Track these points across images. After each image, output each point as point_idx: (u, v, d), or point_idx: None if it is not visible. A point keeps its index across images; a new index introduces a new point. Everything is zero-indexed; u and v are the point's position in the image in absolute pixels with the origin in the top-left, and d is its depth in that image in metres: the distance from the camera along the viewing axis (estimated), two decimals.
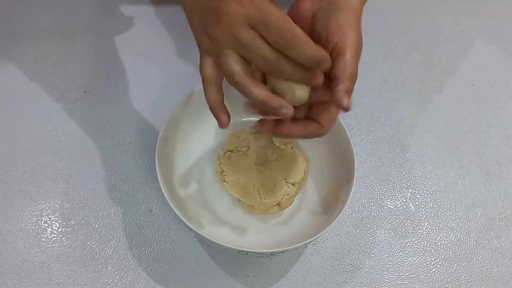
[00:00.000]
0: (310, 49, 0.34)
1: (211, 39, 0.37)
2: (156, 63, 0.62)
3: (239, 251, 0.43)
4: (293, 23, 0.34)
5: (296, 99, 0.38)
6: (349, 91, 0.36)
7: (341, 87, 0.36)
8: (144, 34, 0.64)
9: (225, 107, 0.41)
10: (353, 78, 0.37)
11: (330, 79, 0.37)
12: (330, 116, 0.38)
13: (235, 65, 0.36)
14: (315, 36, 0.39)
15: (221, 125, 0.41)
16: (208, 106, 0.53)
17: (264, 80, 0.39)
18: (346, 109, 0.36)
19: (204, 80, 0.40)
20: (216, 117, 0.41)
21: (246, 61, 0.36)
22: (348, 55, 0.37)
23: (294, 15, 0.41)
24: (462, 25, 0.71)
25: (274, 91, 0.38)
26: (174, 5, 0.67)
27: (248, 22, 0.34)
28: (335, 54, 0.37)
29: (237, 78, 0.36)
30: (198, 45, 0.40)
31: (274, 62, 0.35)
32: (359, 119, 0.60)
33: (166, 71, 0.61)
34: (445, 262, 0.52)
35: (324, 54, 0.35)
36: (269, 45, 0.35)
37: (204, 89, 0.40)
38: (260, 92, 0.36)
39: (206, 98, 0.41)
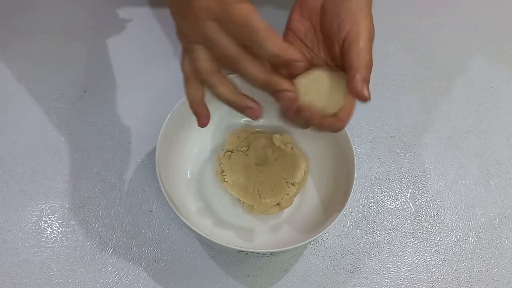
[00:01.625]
0: (273, 45, 0.32)
1: (184, 36, 0.36)
2: (156, 63, 0.62)
3: (239, 251, 0.43)
4: (257, 17, 0.32)
5: (327, 112, 0.35)
6: (367, 80, 0.34)
7: (359, 77, 0.34)
8: (144, 35, 0.64)
9: (205, 105, 0.39)
10: (369, 66, 0.35)
11: (344, 69, 0.35)
12: (347, 108, 0.36)
13: (202, 61, 0.35)
14: (325, 26, 0.37)
15: (200, 124, 0.39)
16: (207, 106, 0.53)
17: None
18: (366, 99, 0.34)
19: (184, 77, 0.38)
20: (196, 114, 0.39)
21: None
22: (362, 43, 0.35)
23: (302, 6, 0.39)
24: (462, 25, 0.71)
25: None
26: None
27: (213, 16, 0.33)
28: (348, 42, 0.35)
29: (204, 75, 0.35)
30: (180, 42, 0.39)
31: (236, 59, 0.33)
32: (359, 119, 0.60)
33: (166, 71, 0.61)
34: (445, 262, 0.52)
35: (290, 52, 0.32)
36: (234, 42, 0.33)
37: (184, 86, 0.38)
38: (225, 92, 0.35)
39: (186, 95, 0.39)
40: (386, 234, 0.53)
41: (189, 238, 0.50)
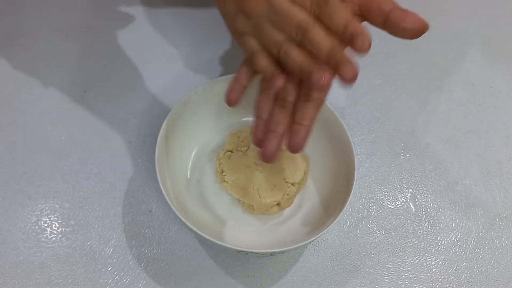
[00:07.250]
0: (344, 12, 0.34)
1: (247, 16, 0.37)
2: (156, 63, 0.62)
3: (239, 251, 0.43)
4: None
5: None
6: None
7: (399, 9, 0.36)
8: (144, 35, 0.64)
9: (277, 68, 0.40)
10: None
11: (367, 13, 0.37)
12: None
13: (273, 31, 0.36)
14: None
15: (278, 85, 0.39)
16: (207, 106, 0.53)
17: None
18: (426, 26, 0.37)
19: (249, 54, 0.40)
20: (272, 79, 0.40)
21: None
22: None
23: None
24: (462, 25, 0.71)
25: None
26: (175, 6, 0.67)
27: None
28: None
29: (279, 43, 0.36)
30: (233, 32, 0.40)
31: (306, 26, 0.34)
32: (359, 119, 0.60)
33: (166, 71, 0.61)
34: (445, 262, 0.52)
35: (358, 25, 0.34)
36: (301, 9, 0.35)
37: (253, 60, 0.40)
38: (299, 56, 0.36)
39: (256, 67, 0.40)
40: (386, 234, 0.53)
41: (189, 238, 0.50)
